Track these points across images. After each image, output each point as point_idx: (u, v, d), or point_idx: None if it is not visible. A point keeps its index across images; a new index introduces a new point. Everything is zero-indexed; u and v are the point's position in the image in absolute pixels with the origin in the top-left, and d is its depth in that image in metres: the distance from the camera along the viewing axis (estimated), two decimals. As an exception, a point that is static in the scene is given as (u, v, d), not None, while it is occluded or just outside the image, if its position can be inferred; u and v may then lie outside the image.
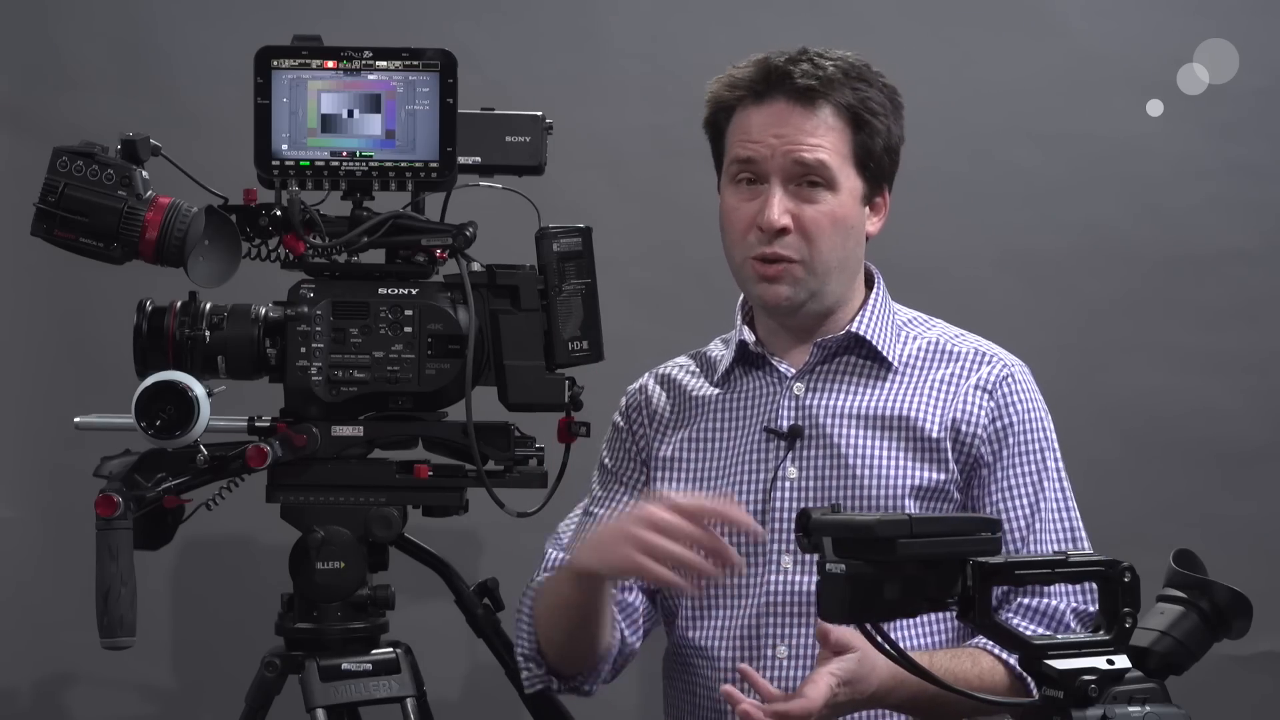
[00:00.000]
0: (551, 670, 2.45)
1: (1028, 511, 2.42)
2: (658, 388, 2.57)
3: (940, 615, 2.39)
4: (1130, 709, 1.75)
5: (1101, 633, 1.80)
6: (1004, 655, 2.33)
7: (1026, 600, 2.38)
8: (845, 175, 2.41)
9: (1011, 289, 3.33)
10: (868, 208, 2.46)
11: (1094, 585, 1.84)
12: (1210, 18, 3.31)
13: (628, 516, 2.24)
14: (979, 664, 2.32)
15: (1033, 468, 2.43)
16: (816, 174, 2.40)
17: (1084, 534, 2.46)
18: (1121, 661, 1.78)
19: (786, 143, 2.39)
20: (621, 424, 2.57)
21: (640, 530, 2.20)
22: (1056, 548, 2.40)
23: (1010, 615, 2.38)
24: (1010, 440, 2.43)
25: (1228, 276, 3.33)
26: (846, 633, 2.17)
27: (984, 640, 2.34)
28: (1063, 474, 2.47)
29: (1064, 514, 2.45)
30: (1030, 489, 2.43)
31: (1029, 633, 2.29)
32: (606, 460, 2.58)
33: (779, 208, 2.39)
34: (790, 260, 2.40)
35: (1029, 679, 1.86)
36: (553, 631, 2.42)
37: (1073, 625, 2.37)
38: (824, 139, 2.40)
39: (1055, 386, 2.59)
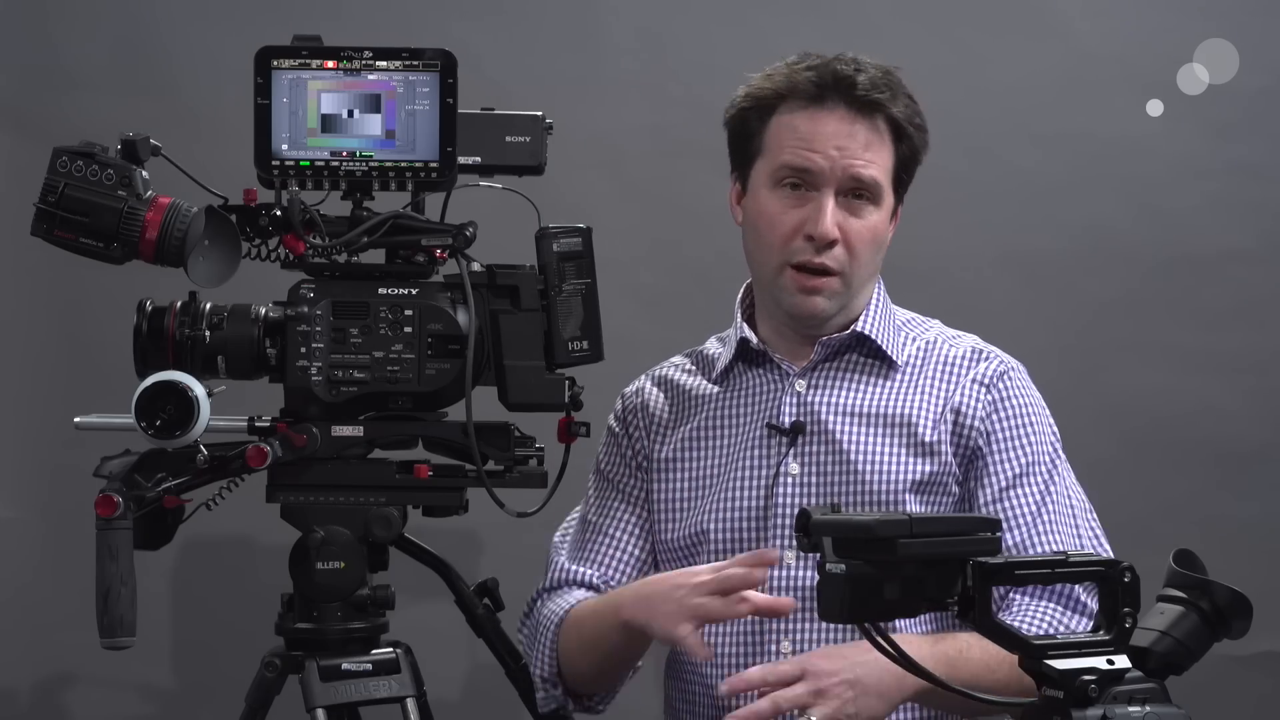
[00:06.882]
0: (568, 691, 2.46)
1: (1034, 505, 2.41)
2: (655, 389, 2.57)
3: (934, 615, 2.39)
4: (1130, 709, 1.74)
5: (1101, 633, 1.80)
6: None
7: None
8: (888, 190, 2.42)
9: (1011, 289, 3.32)
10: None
11: None
12: (1210, 18, 3.31)
13: (681, 582, 2.24)
14: (983, 646, 2.25)
15: (1030, 458, 2.42)
16: (868, 190, 2.40)
17: (1098, 527, 2.45)
18: (1121, 661, 1.77)
19: (847, 156, 2.38)
20: (618, 430, 2.57)
21: (696, 600, 2.20)
22: (1063, 544, 2.39)
23: (1022, 595, 2.36)
24: (1007, 434, 2.43)
25: (1228, 276, 3.33)
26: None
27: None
28: (1068, 469, 2.46)
29: (1071, 507, 2.44)
30: (1040, 480, 2.42)
31: (1046, 613, 2.32)
32: (603, 465, 2.58)
33: (832, 219, 2.38)
34: (833, 273, 2.40)
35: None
36: (582, 664, 2.43)
37: (1088, 603, 2.35)
38: (878, 155, 2.40)
39: (1055, 386, 2.59)
